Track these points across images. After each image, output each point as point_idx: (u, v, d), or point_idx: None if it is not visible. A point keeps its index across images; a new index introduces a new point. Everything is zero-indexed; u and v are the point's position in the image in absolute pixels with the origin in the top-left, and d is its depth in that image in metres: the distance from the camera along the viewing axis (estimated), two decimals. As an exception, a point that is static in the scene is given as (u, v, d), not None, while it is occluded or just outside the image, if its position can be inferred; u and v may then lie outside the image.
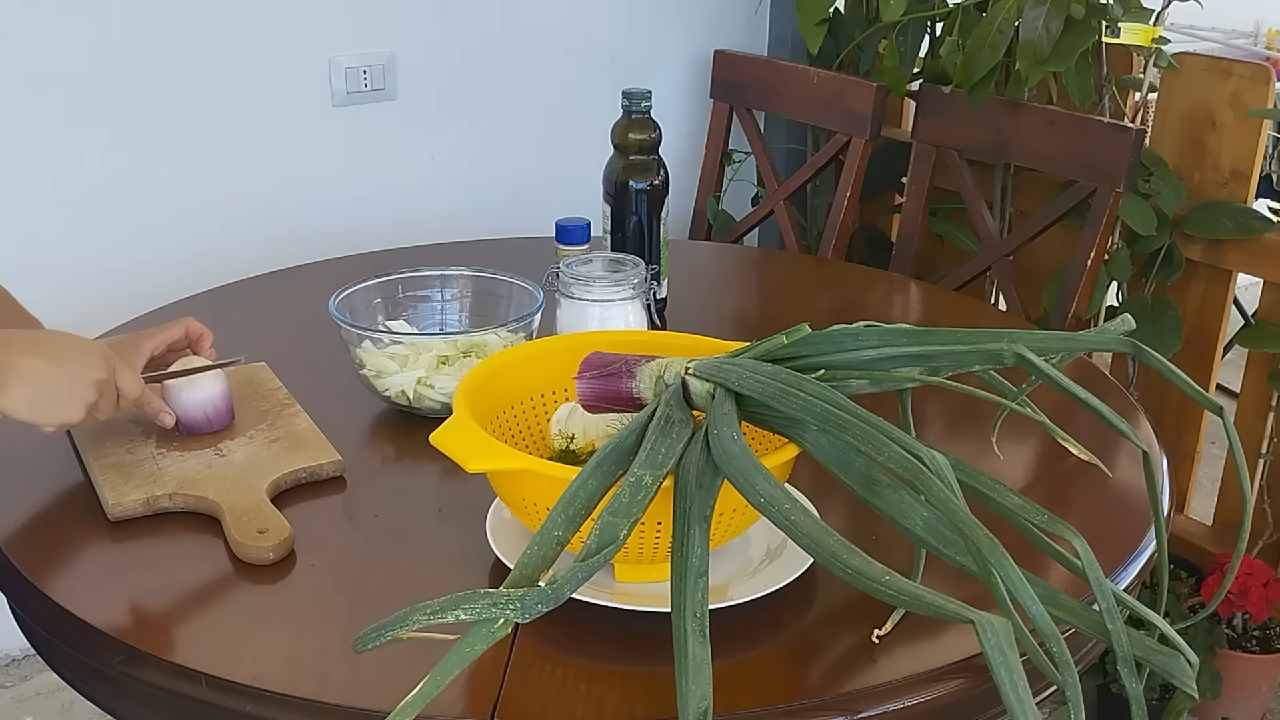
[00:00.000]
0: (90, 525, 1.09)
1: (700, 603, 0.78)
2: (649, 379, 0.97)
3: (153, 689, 0.91)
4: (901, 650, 0.91)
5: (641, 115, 1.52)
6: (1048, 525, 0.83)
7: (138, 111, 1.97)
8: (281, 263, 1.75)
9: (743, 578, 0.99)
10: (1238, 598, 1.86)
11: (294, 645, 0.94)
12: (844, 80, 2.14)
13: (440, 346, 1.27)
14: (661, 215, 1.55)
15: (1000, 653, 0.69)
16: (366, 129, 2.21)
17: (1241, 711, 1.96)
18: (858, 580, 0.77)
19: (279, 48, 2.08)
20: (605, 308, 1.33)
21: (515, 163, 2.40)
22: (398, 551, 1.07)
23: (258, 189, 2.11)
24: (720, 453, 0.86)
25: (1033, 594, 0.75)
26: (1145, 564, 1.05)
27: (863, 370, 0.94)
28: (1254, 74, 1.90)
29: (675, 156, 2.35)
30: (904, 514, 0.84)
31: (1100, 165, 1.81)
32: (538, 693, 0.88)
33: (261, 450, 1.18)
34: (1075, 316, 1.86)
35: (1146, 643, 0.82)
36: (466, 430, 0.94)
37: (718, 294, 1.80)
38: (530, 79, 2.36)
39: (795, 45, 2.50)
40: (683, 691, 0.73)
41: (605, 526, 0.81)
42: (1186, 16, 2.28)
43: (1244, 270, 1.96)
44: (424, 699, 0.71)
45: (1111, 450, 1.20)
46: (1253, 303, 2.00)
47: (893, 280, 1.87)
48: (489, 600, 0.74)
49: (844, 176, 2.12)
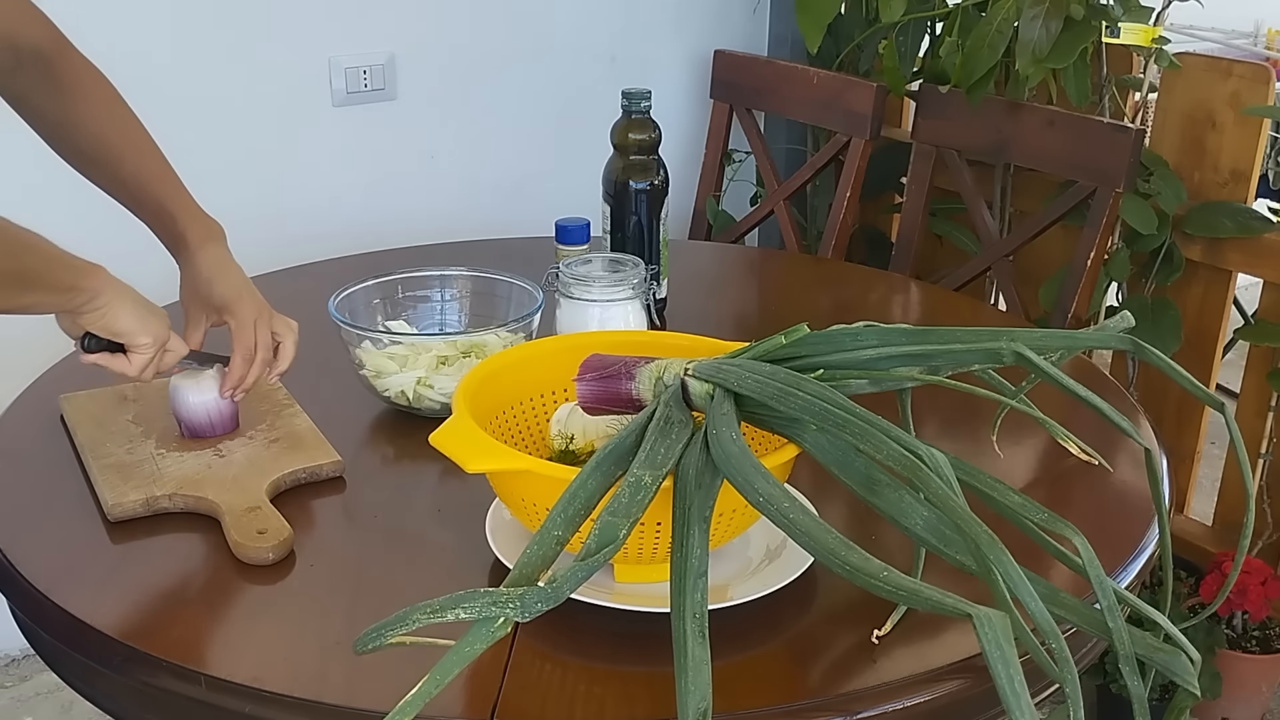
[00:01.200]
0: (90, 525, 1.09)
1: (700, 603, 0.78)
2: (648, 380, 0.97)
3: (153, 689, 0.91)
4: (901, 650, 0.91)
5: (641, 115, 1.52)
6: (1048, 524, 0.83)
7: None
8: (281, 263, 1.75)
9: (742, 578, 0.99)
10: (1236, 596, 1.87)
11: (294, 645, 0.94)
12: (844, 80, 2.14)
13: (440, 347, 1.27)
14: (661, 215, 1.55)
15: (998, 647, 0.69)
16: (366, 129, 2.21)
17: (1241, 711, 1.96)
18: (856, 577, 0.77)
19: (279, 48, 2.08)
20: (605, 308, 1.33)
21: (515, 163, 2.40)
22: (397, 552, 1.07)
23: (258, 189, 2.11)
24: (719, 453, 0.86)
25: (1032, 591, 0.74)
26: (1146, 563, 1.05)
27: (862, 370, 0.94)
28: (1254, 74, 1.90)
29: (675, 156, 2.35)
30: (904, 513, 0.84)
31: (1100, 165, 1.81)
32: (537, 693, 0.88)
33: (261, 450, 1.18)
34: (1075, 316, 1.86)
35: (1148, 641, 0.82)
36: (466, 430, 0.94)
37: (717, 294, 1.80)
38: (530, 79, 2.36)
39: (795, 45, 2.50)
40: (682, 692, 0.73)
41: (605, 527, 0.81)
42: (1186, 16, 2.28)
43: (1244, 270, 1.96)
44: (423, 698, 0.71)
45: (1112, 450, 1.20)
46: (1252, 303, 2.00)
47: (892, 280, 1.87)
48: (489, 599, 0.74)
49: (844, 176, 2.12)
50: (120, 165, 1.20)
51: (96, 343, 1.07)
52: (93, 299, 1.04)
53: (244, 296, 1.19)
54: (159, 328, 1.09)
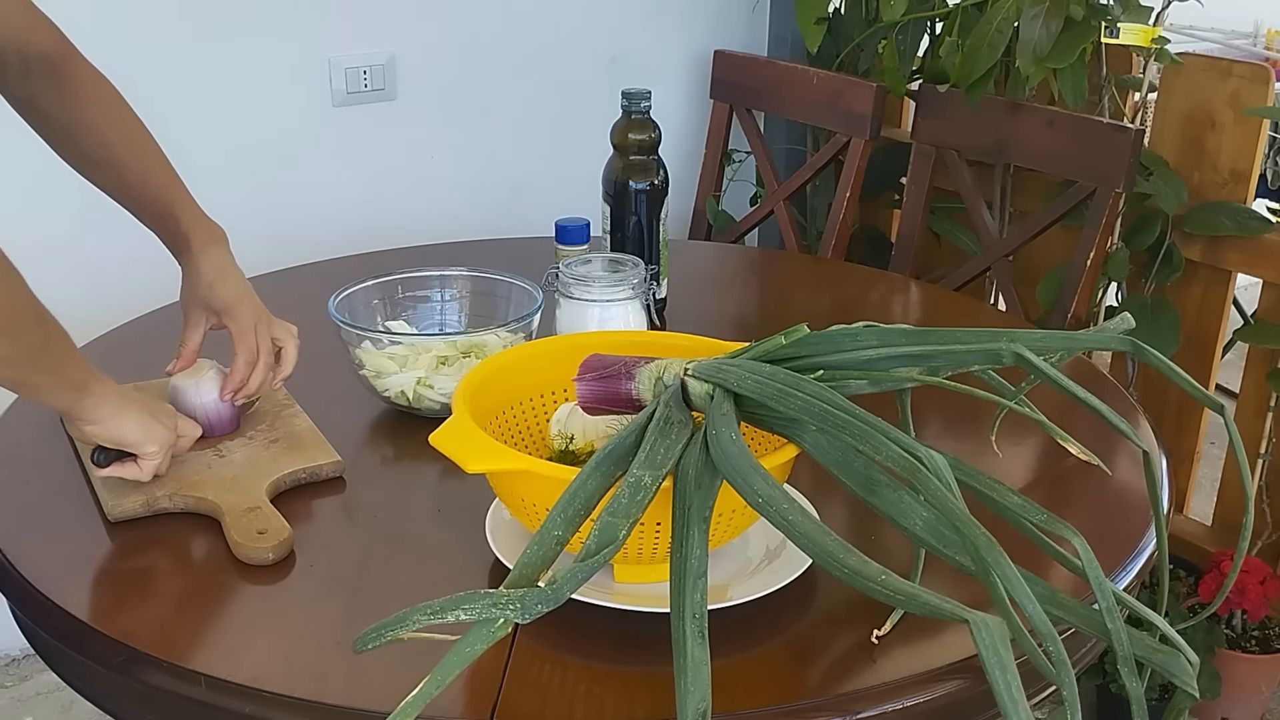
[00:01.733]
0: (90, 525, 1.09)
1: (699, 604, 0.78)
2: (648, 380, 0.97)
3: (153, 689, 0.91)
4: (900, 651, 0.91)
5: (641, 115, 1.52)
6: (1047, 525, 0.83)
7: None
8: (281, 263, 1.75)
9: (742, 578, 0.99)
10: (1235, 595, 1.87)
11: (293, 645, 0.94)
12: (844, 80, 2.14)
13: (440, 347, 1.27)
14: (661, 215, 1.55)
15: (994, 652, 0.70)
16: (366, 129, 2.21)
17: (1241, 711, 1.96)
18: (854, 580, 0.77)
19: (279, 48, 2.08)
20: (605, 308, 1.33)
21: (515, 163, 2.40)
22: (397, 552, 1.07)
23: (258, 189, 2.11)
24: (719, 453, 0.86)
25: (1030, 593, 0.75)
26: (1145, 563, 1.05)
27: (861, 370, 0.94)
28: (1253, 74, 1.90)
29: (675, 156, 2.35)
30: (903, 514, 0.84)
31: (1100, 165, 1.81)
32: (537, 693, 0.88)
33: (261, 451, 1.18)
34: (1074, 316, 1.86)
35: (1147, 642, 0.82)
36: (466, 431, 0.94)
37: (717, 294, 1.80)
38: (530, 79, 2.36)
39: (795, 45, 2.50)
40: (681, 692, 0.74)
41: (604, 527, 0.81)
42: (1186, 17, 2.28)
43: (1243, 270, 1.96)
44: (424, 699, 0.71)
45: (1111, 450, 1.20)
46: (1252, 303, 2.00)
47: (892, 280, 1.87)
48: (489, 600, 0.74)
49: (844, 177, 2.12)
50: (125, 169, 1.21)
51: (106, 456, 1.08)
52: (97, 407, 1.04)
53: (244, 301, 1.20)
54: (163, 433, 1.08)
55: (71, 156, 1.20)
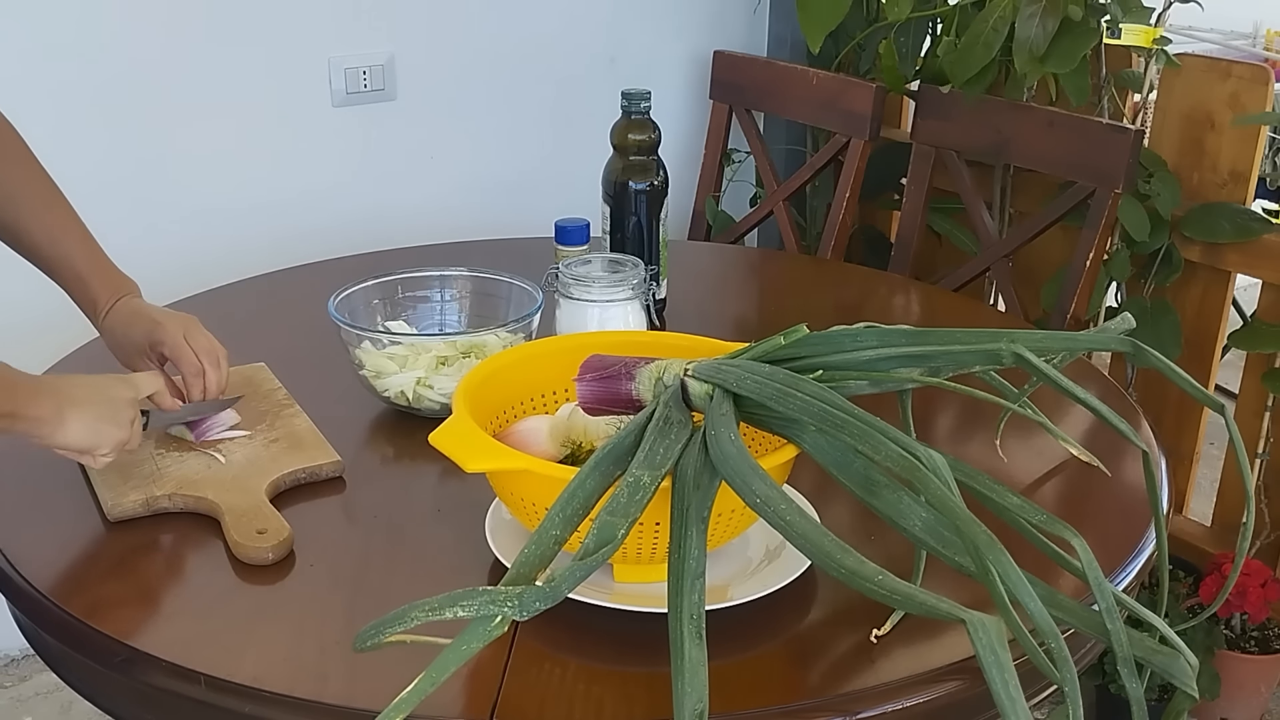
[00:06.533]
0: (90, 525, 1.09)
1: (697, 605, 0.78)
2: (648, 381, 0.97)
3: (153, 689, 0.91)
4: (900, 651, 0.91)
5: (641, 116, 1.52)
6: (1047, 525, 0.83)
7: (137, 112, 1.97)
8: (281, 263, 1.75)
9: (742, 578, 0.99)
10: (1236, 598, 1.87)
11: (293, 645, 0.94)
12: (843, 81, 2.14)
13: (439, 347, 1.28)
14: (661, 216, 1.55)
15: (992, 652, 0.70)
16: (366, 129, 2.21)
17: (1240, 712, 1.96)
18: (852, 580, 0.77)
19: (279, 48, 2.08)
20: (604, 308, 1.33)
21: (515, 163, 2.40)
22: (397, 551, 1.07)
23: (258, 189, 2.11)
24: (718, 453, 0.86)
25: (1031, 591, 0.75)
26: (1145, 564, 1.05)
27: (861, 371, 0.94)
28: (1253, 75, 1.90)
29: (675, 157, 2.35)
30: (903, 514, 0.84)
31: (1099, 166, 1.81)
32: (536, 693, 0.88)
33: (261, 450, 1.18)
34: (1074, 317, 1.86)
35: (1146, 643, 0.82)
36: (465, 430, 0.94)
37: (717, 295, 1.80)
38: (530, 79, 2.36)
39: (795, 46, 2.50)
40: (679, 694, 0.74)
41: (603, 526, 0.81)
42: (1186, 17, 2.28)
43: (1243, 271, 1.96)
44: (419, 695, 0.71)
45: (1111, 451, 1.20)
46: (1251, 304, 2.00)
47: (892, 281, 1.88)
48: (487, 597, 0.75)
49: (843, 177, 2.12)
50: (34, 230, 1.18)
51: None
52: (37, 425, 1.01)
53: (161, 321, 1.19)
54: (111, 432, 1.05)
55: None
